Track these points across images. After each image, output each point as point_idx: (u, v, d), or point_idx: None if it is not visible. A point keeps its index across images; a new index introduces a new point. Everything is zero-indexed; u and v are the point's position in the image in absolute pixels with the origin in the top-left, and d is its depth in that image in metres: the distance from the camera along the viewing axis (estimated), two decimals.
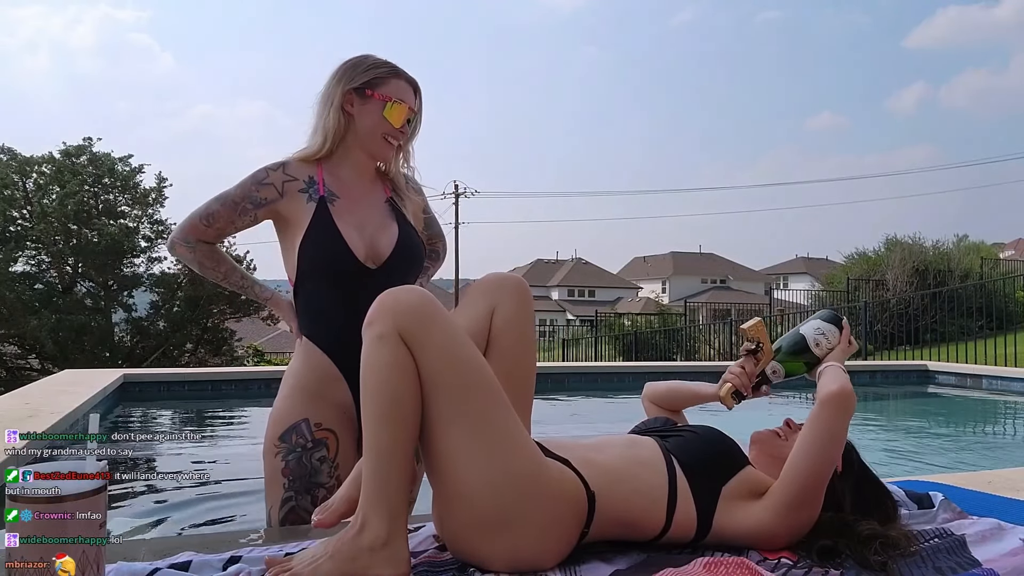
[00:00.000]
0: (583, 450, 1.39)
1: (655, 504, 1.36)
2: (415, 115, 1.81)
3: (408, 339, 1.24)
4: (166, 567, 1.27)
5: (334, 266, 1.70)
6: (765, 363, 1.60)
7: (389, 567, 1.21)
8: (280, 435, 1.68)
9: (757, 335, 1.61)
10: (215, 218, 1.75)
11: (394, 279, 1.71)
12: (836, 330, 1.60)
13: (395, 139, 1.78)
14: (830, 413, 1.39)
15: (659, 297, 41.62)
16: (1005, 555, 1.39)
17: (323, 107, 1.77)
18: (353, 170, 1.80)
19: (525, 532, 1.26)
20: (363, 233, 1.73)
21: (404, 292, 1.29)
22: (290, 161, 1.77)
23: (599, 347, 16.10)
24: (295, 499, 1.65)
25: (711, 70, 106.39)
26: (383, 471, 1.23)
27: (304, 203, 1.73)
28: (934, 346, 11.43)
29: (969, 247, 19.56)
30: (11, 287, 15.83)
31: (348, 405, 1.70)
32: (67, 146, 17.31)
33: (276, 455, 1.67)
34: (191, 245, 1.77)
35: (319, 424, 1.68)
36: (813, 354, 1.58)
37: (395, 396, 1.23)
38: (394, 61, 1.81)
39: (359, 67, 1.76)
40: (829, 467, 1.38)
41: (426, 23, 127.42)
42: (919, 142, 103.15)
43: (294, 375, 1.74)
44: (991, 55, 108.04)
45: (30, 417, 3.67)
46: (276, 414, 1.72)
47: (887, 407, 7.60)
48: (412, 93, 1.81)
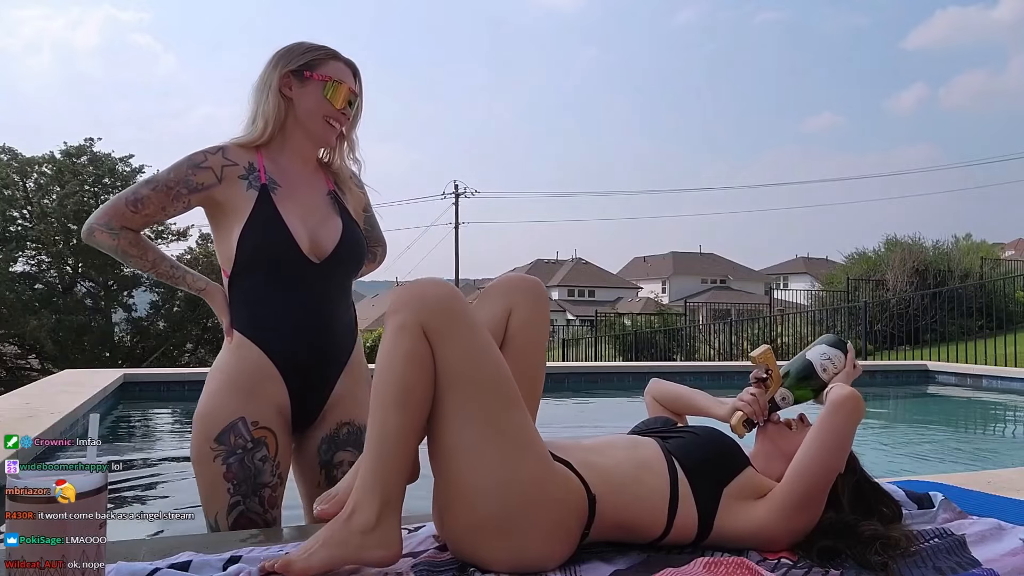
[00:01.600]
0: (584, 452, 1.39)
1: (656, 508, 1.36)
2: (356, 97, 1.73)
3: (430, 332, 1.25)
4: (166, 567, 1.27)
5: (276, 258, 1.61)
6: (774, 390, 1.60)
7: (380, 549, 1.22)
8: (216, 436, 1.58)
9: (767, 362, 1.61)
10: (144, 203, 1.61)
11: (336, 275, 1.68)
12: (842, 355, 1.61)
13: (337, 122, 1.70)
14: (840, 417, 1.39)
15: (659, 297, 41.60)
16: (1005, 555, 1.39)
17: (260, 93, 1.68)
18: (294, 158, 1.72)
19: (529, 535, 1.26)
20: (306, 225, 1.65)
21: (432, 284, 1.30)
22: (228, 146, 1.67)
23: (599, 347, 16.09)
24: (243, 503, 1.58)
25: (711, 70, 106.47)
26: (384, 456, 1.23)
27: (244, 190, 1.63)
28: (934, 346, 11.43)
29: (969, 247, 19.54)
30: (11, 287, 15.82)
31: (284, 405, 1.63)
32: (68, 146, 17.31)
33: (214, 458, 1.57)
34: (114, 232, 1.61)
35: (256, 423, 1.59)
36: (820, 380, 1.59)
37: (408, 385, 1.24)
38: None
39: (295, 51, 1.69)
40: (834, 470, 1.39)
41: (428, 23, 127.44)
42: (919, 142, 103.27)
43: (224, 371, 1.63)
44: (990, 56, 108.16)
45: (30, 417, 3.67)
46: (206, 411, 1.61)
47: (887, 407, 7.59)
48: (352, 75, 1.73)
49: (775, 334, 13.58)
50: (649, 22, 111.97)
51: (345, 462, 1.67)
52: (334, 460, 1.69)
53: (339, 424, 1.70)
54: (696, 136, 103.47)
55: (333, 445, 1.69)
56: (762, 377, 1.60)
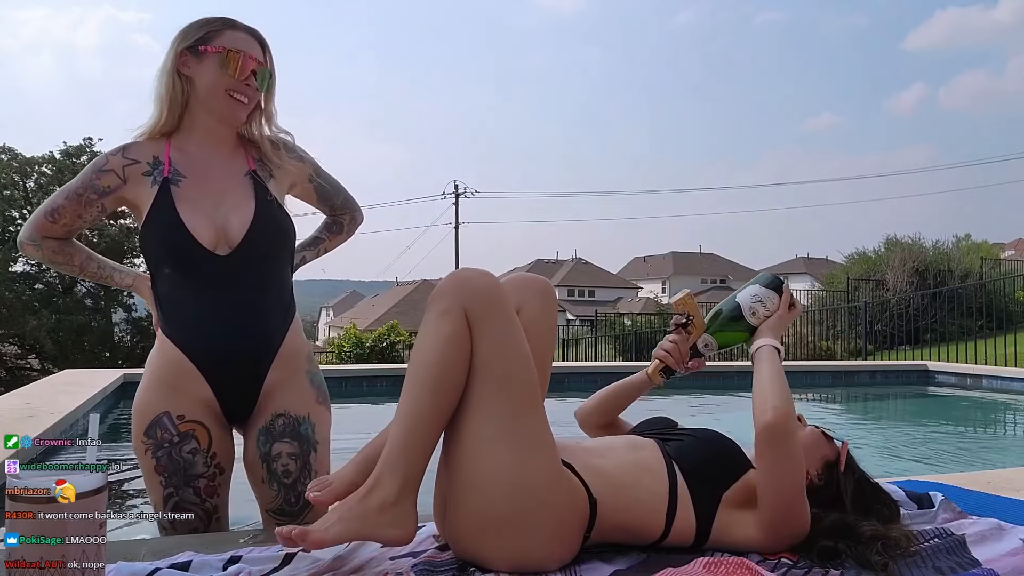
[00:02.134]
0: (585, 454, 1.39)
1: (655, 511, 1.36)
2: (263, 68, 1.63)
3: (472, 319, 1.26)
4: (166, 567, 1.27)
5: (177, 255, 1.57)
6: (696, 336, 1.54)
7: (395, 528, 1.22)
8: (144, 430, 1.59)
9: (686, 308, 1.54)
10: (60, 213, 1.61)
11: (252, 264, 1.62)
12: (775, 295, 1.53)
13: (242, 94, 1.60)
14: (770, 448, 1.34)
15: (659, 297, 41.60)
16: (1005, 555, 1.39)
17: (158, 77, 1.61)
18: (205, 141, 1.64)
19: (533, 536, 1.26)
20: (214, 215, 1.58)
21: (477, 274, 1.32)
22: (132, 143, 1.63)
23: (599, 347, 16.07)
24: (176, 494, 1.59)
25: (712, 71, 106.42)
26: (412, 435, 1.24)
27: (148, 187, 1.59)
28: (934, 346, 11.43)
29: (969, 247, 19.54)
30: (11, 287, 15.83)
31: (210, 399, 1.61)
32: (67, 146, 17.31)
33: (146, 452, 1.59)
34: (36, 243, 1.64)
35: (182, 416, 1.58)
36: (748, 323, 1.51)
37: (445, 368, 1.25)
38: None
39: (191, 27, 1.61)
40: (797, 486, 1.35)
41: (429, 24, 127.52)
42: (919, 142, 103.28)
43: (151, 367, 1.64)
44: (989, 57, 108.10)
45: (30, 417, 3.67)
46: (137, 407, 1.62)
47: (887, 407, 7.59)
48: (256, 45, 1.63)
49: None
50: (650, 23, 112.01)
51: (283, 454, 1.64)
52: (272, 452, 1.65)
53: (274, 416, 1.65)
54: (696, 136, 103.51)
55: (269, 437, 1.65)
56: (682, 323, 1.54)
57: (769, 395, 1.37)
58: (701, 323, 1.55)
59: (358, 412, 6.25)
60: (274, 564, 1.32)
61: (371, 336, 14.42)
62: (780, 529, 1.37)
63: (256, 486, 1.69)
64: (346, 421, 6.66)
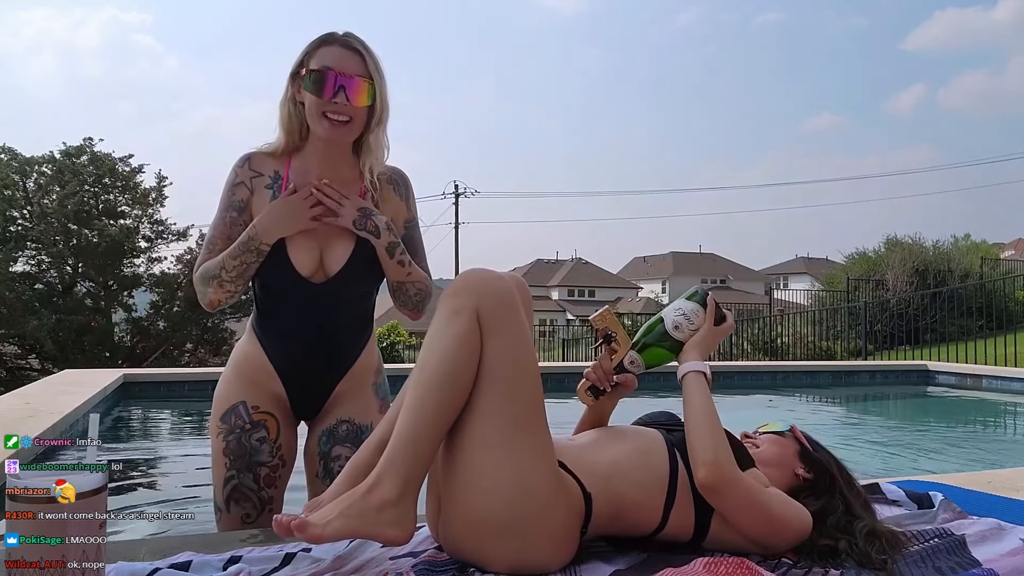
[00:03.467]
0: (578, 450, 1.39)
1: (652, 499, 1.35)
2: (352, 79, 1.55)
3: (484, 321, 1.26)
4: (166, 567, 1.27)
5: (273, 278, 1.65)
6: (622, 354, 1.48)
7: (394, 528, 1.21)
8: (221, 416, 1.69)
9: (606, 324, 1.49)
10: (213, 244, 1.67)
11: (344, 293, 1.67)
12: (700, 309, 1.47)
13: (336, 113, 1.57)
14: (720, 502, 1.33)
15: (659, 297, 41.60)
16: (1005, 555, 1.39)
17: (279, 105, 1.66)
18: (323, 160, 1.66)
19: (534, 539, 1.25)
20: (317, 241, 1.63)
21: (494, 276, 1.31)
22: (256, 154, 1.68)
23: None
24: (237, 477, 1.67)
25: (712, 71, 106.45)
26: (416, 434, 1.23)
27: (267, 201, 1.64)
28: (934, 346, 11.43)
29: (969, 247, 19.55)
30: (11, 287, 15.81)
31: (282, 395, 1.72)
32: (67, 146, 17.29)
33: (218, 435, 1.69)
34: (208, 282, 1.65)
35: (256, 407, 1.69)
36: (673, 339, 1.46)
37: (455, 368, 1.24)
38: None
39: (302, 51, 1.62)
40: (767, 510, 1.34)
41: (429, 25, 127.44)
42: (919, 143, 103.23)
43: (234, 361, 1.75)
44: (989, 57, 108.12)
45: (30, 417, 3.67)
46: (218, 396, 1.73)
47: (887, 407, 7.59)
48: (352, 58, 1.57)
49: (775, 334, 13.56)
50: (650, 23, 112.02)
51: (342, 456, 1.70)
52: (332, 453, 1.73)
53: (338, 421, 1.75)
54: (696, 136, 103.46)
55: (331, 439, 1.74)
56: (605, 340, 1.48)
57: (698, 446, 1.34)
58: (625, 339, 1.50)
59: None
60: (274, 564, 1.32)
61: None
62: (773, 543, 1.37)
63: (311, 479, 1.77)
64: None
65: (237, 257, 1.61)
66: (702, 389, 1.41)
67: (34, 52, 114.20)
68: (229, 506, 1.67)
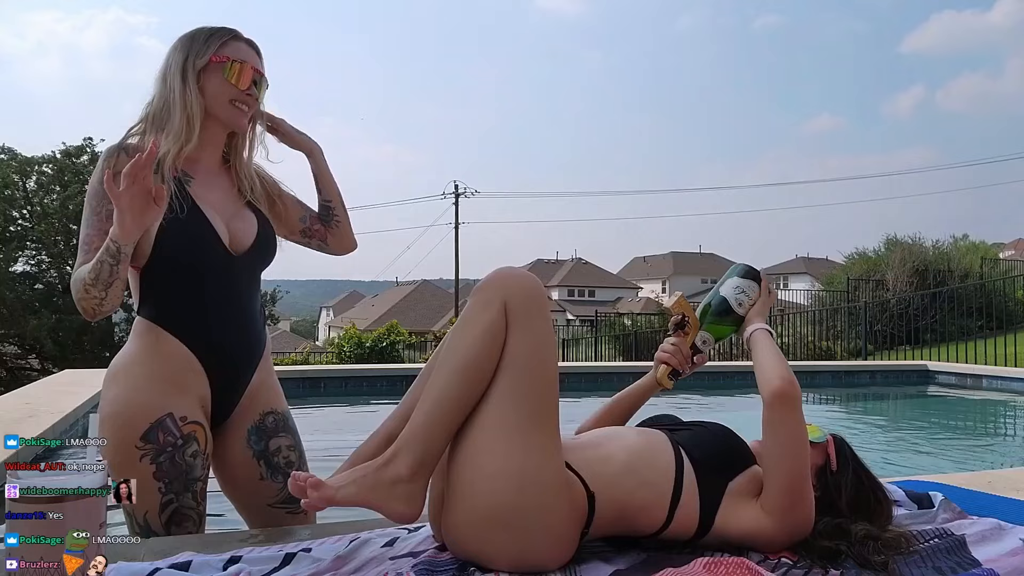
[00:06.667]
0: (582, 449, 1.39)
1: (658, 498, 1.35)
2: (261, 77, 1.67)
3: (511, 314, 1.30)
4: (166, 567, 1.27)
5: (198, 253, 1.57)
6: (694, 335, 1.62)
7: (403, 504, 1.26)
8: (142, 435, 1.49)
9: (682, 309, 1.62)
10: (90, 243, 1.53)
11: (255, 268, 1.68)
12: (755, 284, 1.62)
13: (243, 103, 1.64)
14: (781, 415, 1.36)
15: (659, 297, 41.60)
16: (1005, 555, 1.39)
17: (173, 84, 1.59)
18: (207, 147, 1.66)
19: (536, 535, 1.26)
20: (223, 217, 1.63)
21: (524, 274, 1.38)
22: (131, 144, 1.58)
23: (599, 347, 16.08)
24: (176, 500, 1.52)
25: (712, 73, 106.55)
26: (436, 418, 1.27)
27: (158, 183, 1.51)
28: (934, 346, 11.43)
29: (969, 247, 19.55)
30: (11, 287, 15.82)
31: (206, 398, 1.61)
32: (67, 146, 17.30)
33: (141, 459, 1.49)
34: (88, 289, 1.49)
35: (184, 418, 1.54)
36: (737, 314, 1.60)
37: (479, 357, 1.28)
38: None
39: (199, 38, 1.62)
40: (804, 463, 1.36)
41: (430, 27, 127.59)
42: (917, 144, 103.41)
43: (142, 364, 1.55)
44: (986, 59, 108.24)
45: (30, 417, 3.67)
46: (124, 411, 1.51)
47: (887, 407, 7.59)
48: (256, 56, 1.67)
49: (775, 334, 13.56)
50: (651, 27, 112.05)
51: (283, 447, 1.69)
52: (270, 447, 1.68)
53: (262, 414, 1.69)
54: (696, 137, 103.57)
55: (263, 434, 1.68)
56: (679, 323, 1.61)
57: (774, 367, 1.41)
58: (696, 321, 1.62)
59: (358, 412, 6.26)
60: (274, 564, 1.32)
61: (371, 336, 14.43)
62: (787, 516, 1.36)
63: (250, 485, 1.67)
64: (346, 421, 6.67)
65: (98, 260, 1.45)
66: (769, 339, 1.52)
67: (40, 54, 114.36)
68: (170, 529, 1.53)
